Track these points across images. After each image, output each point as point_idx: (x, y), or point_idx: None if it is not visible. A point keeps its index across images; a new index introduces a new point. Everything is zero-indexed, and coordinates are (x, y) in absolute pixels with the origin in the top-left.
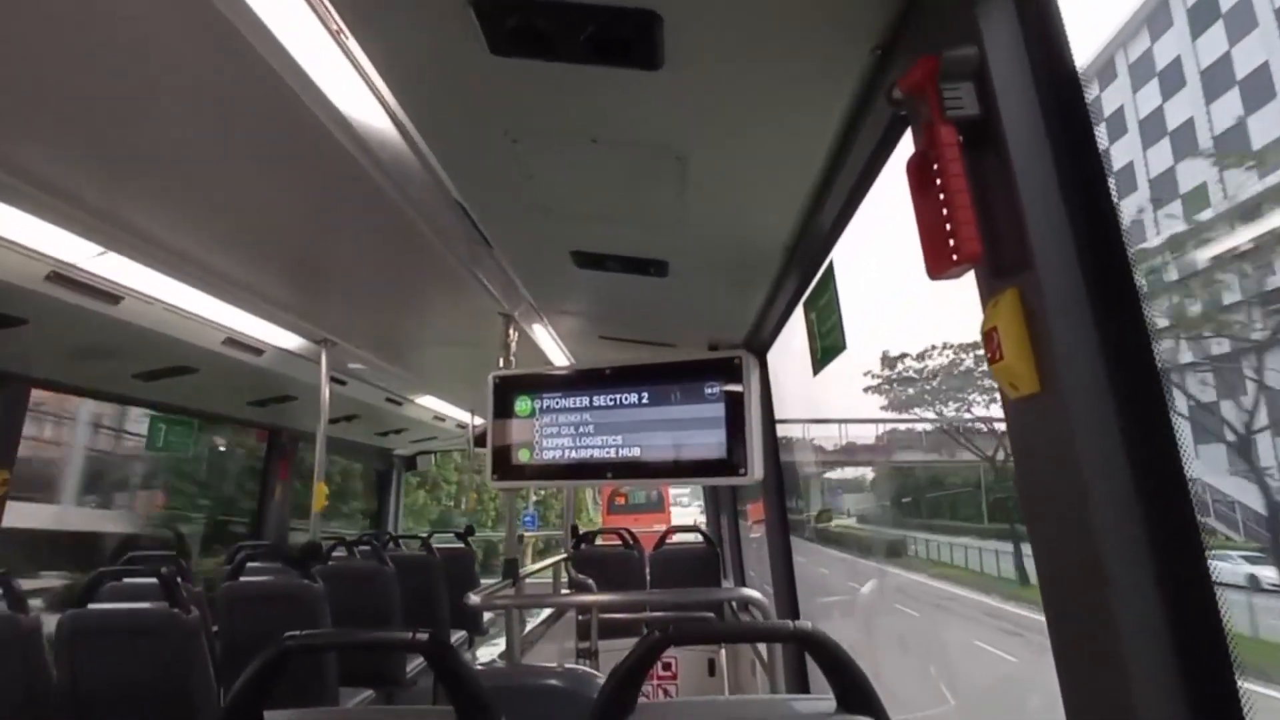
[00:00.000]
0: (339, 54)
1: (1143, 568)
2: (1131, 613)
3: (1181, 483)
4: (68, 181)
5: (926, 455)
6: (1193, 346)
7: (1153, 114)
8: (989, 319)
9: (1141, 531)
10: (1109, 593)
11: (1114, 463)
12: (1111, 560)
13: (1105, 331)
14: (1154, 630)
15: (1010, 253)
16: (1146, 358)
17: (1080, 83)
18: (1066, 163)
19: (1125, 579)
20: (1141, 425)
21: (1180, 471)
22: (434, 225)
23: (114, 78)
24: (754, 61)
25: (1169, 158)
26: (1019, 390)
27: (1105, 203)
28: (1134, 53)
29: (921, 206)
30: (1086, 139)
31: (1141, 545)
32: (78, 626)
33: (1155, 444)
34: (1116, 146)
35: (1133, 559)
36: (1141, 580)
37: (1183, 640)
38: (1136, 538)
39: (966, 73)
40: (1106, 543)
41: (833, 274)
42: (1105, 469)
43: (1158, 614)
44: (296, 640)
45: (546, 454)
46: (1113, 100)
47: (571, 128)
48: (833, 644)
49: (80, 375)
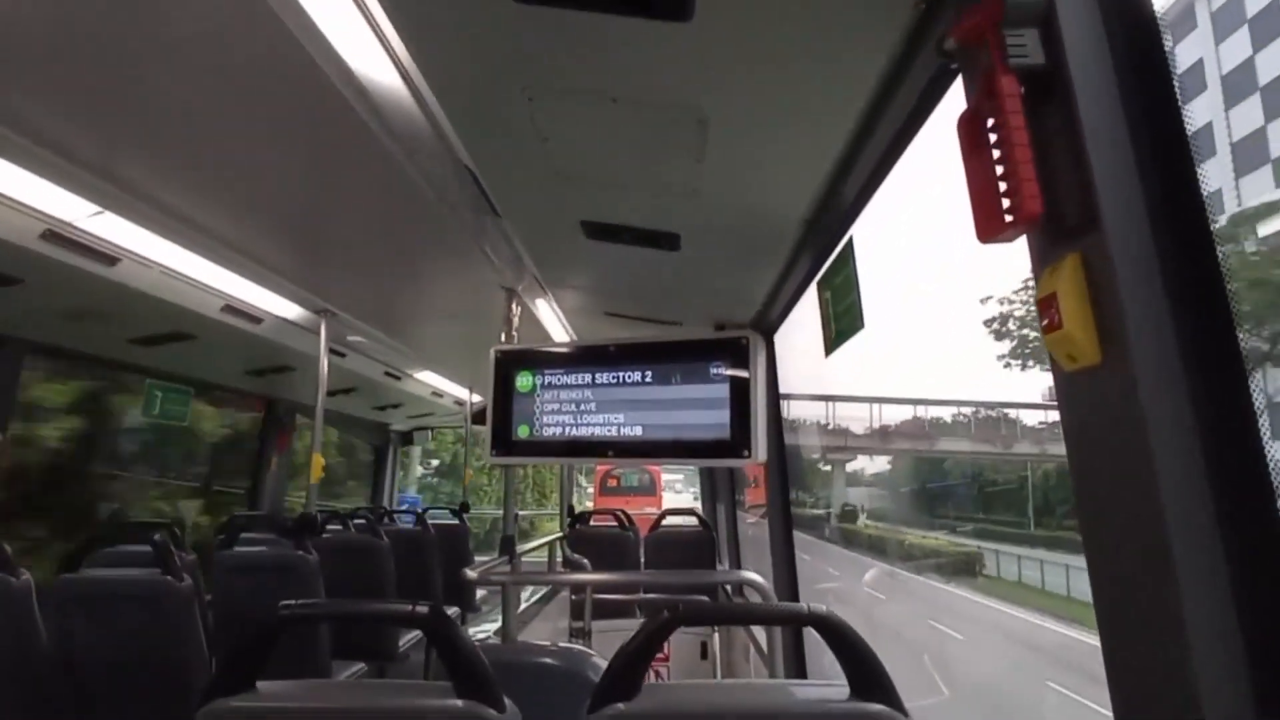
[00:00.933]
0: (351, 6)
1: (1216, 567)
2: (1202, 620)
3: (1264, 475)
4: (65, 137)
5: (982, 445)
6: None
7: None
8: (1046, 285)
9: (1214, 525)
10: (1177, 595)
11: (1184, 445)
12: (1182, 559)
13: (1178, 304)
14: (1228, 643)
15: (1073, 215)
16: (1227, 336)
17: (1159, 30)
18: (1141, 120)
19: (1196, 579)
20: (1217, 406)
21: (1261, 460)
22: (441, 192)
23: (115, 30)
24: (789, 12)
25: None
26: (1076, 362)
27: (1184, 164)
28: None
29: (973, 165)
30: (1165, 94)
31: (1215, 541)
32: (70, 591)
33: (1232, 427)
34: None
35: (1204, 556)
36: (1215, 582)
37: (1262, 657)
38: (1209, 532)
39: (1032, 18)
40: (1175, 536)
41: (852, 250)
42: (1173, 451)
43: (1232, 623)
44: (292, 610)
45: (546, 430)
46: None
47: (592, 85)
48: (848, 629)
49: (76, 338)
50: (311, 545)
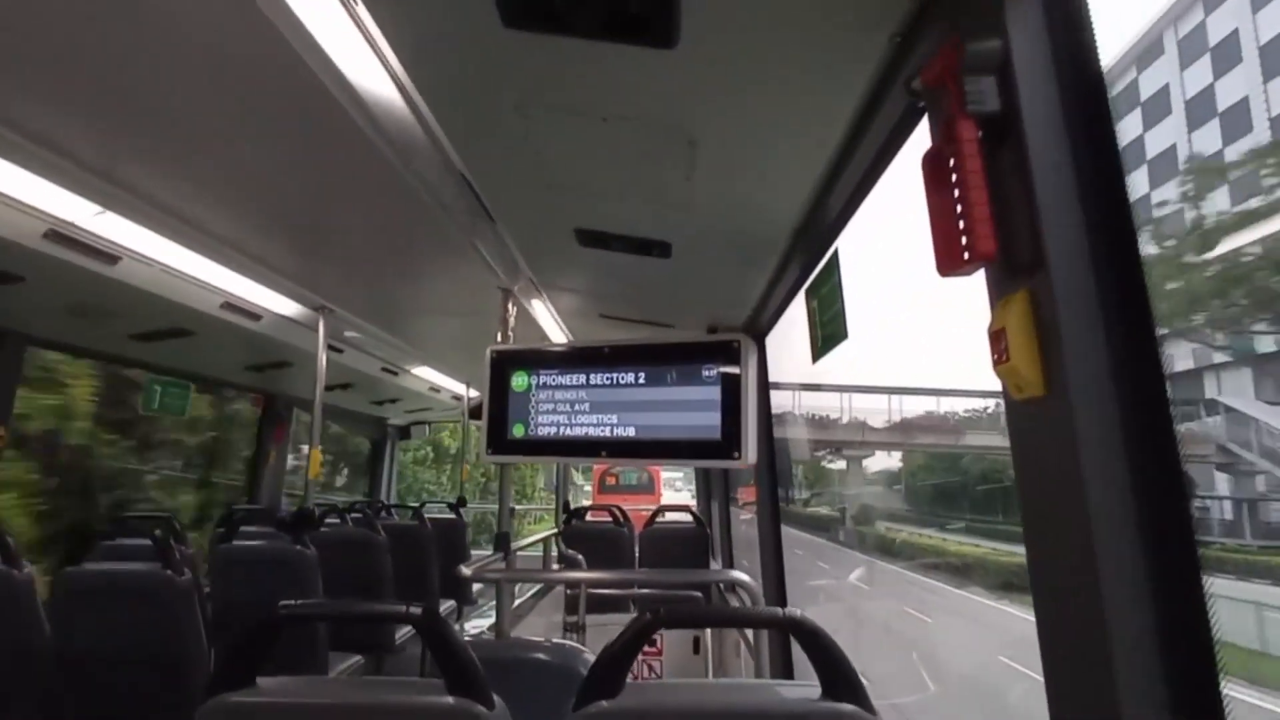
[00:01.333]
0: (347, 19)
1: (1136, 577)
2: (1122, 620)
3: (1181, 496)
4: (68, 139)
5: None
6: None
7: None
8: (998, 319)
9: (1137, 541)
10: (1101, 600)
11: (1114, 470)
12: (1105, 567)
13: (1113, 338)
14: (1143, 640)
15: (1023, 254)
16: (1153, 367)
17: (1104, 82)
18: (1086, 165)
19: (1118, 587)
20: (1144, 434)
21: (1180, 484)
22: (437, 196)
23: (118, 36)
24: (770, 44)
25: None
26: (1023, 393)
27: (1121, 208)
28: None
29: (935, 202)
30: (1107, 141)
31: (1136, 555)
32: (71, 585)
33: (1156, 454)
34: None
35: (1127, 567)
36: (1134, 589)
37: (1171, 649)
38: (1132, 547)
39: (989, 66)
40: (1101, 550)
41: (837, 262)
42: (1105, 475)
43: (1148, 622)
44: (290, 609)
45: (541, 430)
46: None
47: (583, 105)
48: (820, 631)
49: (77, 335)
50: (309, 540)
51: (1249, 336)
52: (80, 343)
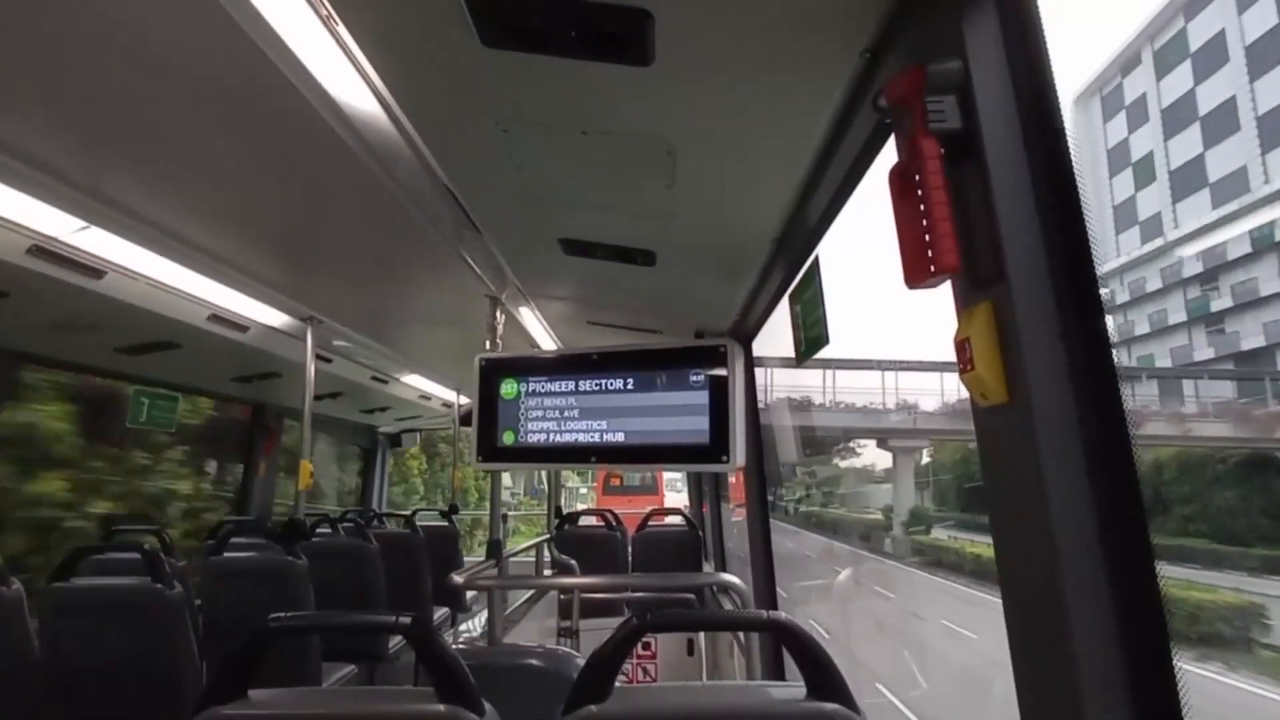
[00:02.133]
0: (329, 39)
1: (1094, 569)
2: (1081, 608)
3: (1135, 493)
4: (51, 155)
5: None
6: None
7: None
8: (962, 329)
9: (1094, 536)
10: (1062, 591)
11: (1073, 470)
12: (1066, 561)
13: (1071, 346)
14: (1101, 626)
15: (985, 266)
16: (1108, 373)
17: (1058, 101)
18: (1042, 180)
19: (1077, 578)
20: (1100, 436)
21: (1134, 482)
22: (421, 208)
23: (101, 53)
24: (744, 60)
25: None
26: (988, 400)
27: (1076, 220)
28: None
29: (902, 216)
30: (1062, 157)
31: (1094, 548)
32: (60, 601)
33: (1112, 455)
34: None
35: (1085, 560)
36: (1093, 580)
37: (1127, 633)
38: (1089, 541)
39: (950, 86)
40: (1062, 545)
41: (818, 268)
42: (1064, 476)
43: (1106, 610)
44: (281, 622)
45: (531, 437)
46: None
47: (562, 120)
48: (803, 633)
49: (62, 349)
50: (301, 550)
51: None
52: (66, 357)
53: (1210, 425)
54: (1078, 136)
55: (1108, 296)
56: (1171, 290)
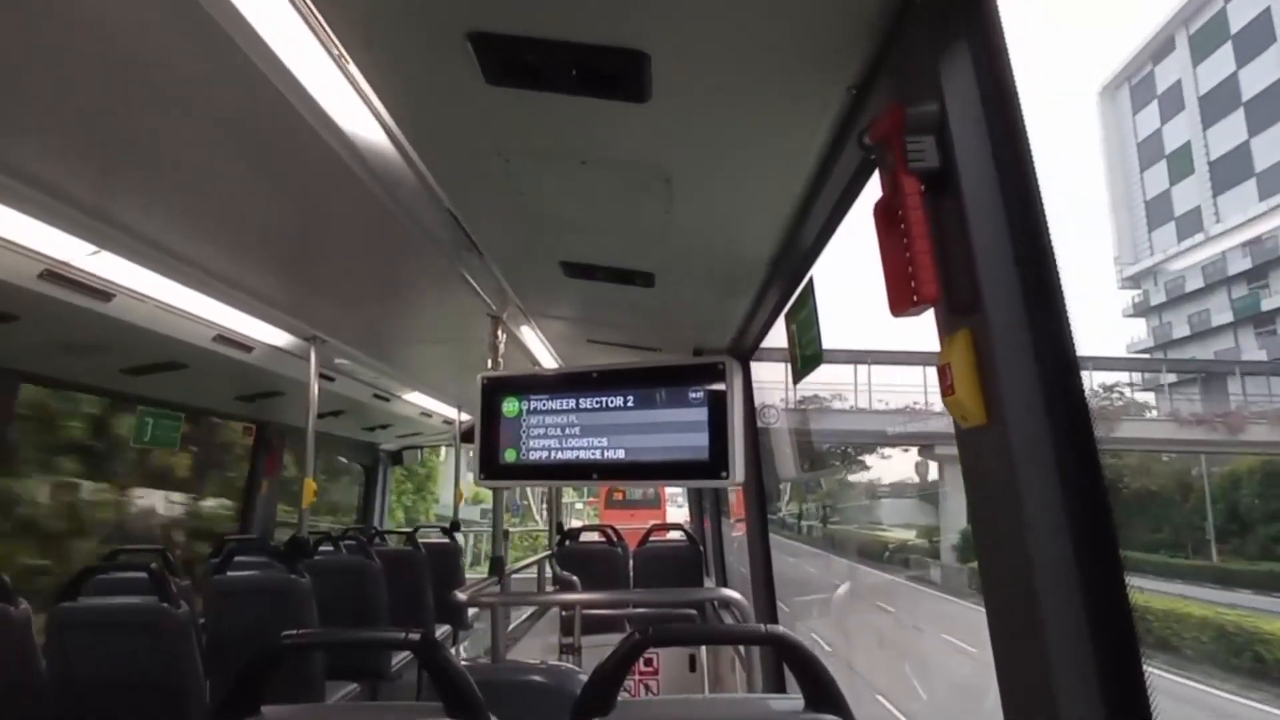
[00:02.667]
0: (339, 75)
1: (1069, 579)
2: (1056, 615)
3: (1105, 507)
4: (64, 181)
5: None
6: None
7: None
8: (944, 355)
9: (1068, 548)
10: (1037, 599)
11: (1048, 487)
12: (1041, 572)
13: (1043, 370)
14: (1074, 631)
15: (963, 296)
16: (1077, 395)
17: (1028, 140)
18: (1015, 215)
19: (1052, 588)
20: (1072, 454)
21: (1104, 497)
22: (424, 231)
23: (113, 83)
24: (737, 96)
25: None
26: (968, 422)
27: (1045, 253)
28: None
29: (886, 248)
30: (1032, 193)
31: (1068, 560)
32: (67, 620)
33: (1082, 472)
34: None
35: (1059, 571)
36: (1067, 589)
37: (1098, 637)
38: (1063, 554)
39: (929, 126)
40: (1038, 557)
41: (812, 289)
42: (1040, 492)
43: (1079, 615)
44: (292, 639)
45: (533, 454)
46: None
47: (562, 151)
48: (802, 647)
49: (70, 370)
50: (304, 568)
51: None
52: (73, 378)
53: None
54: (1105, 131)
55: (1140, 298)
56: (1215, 289)
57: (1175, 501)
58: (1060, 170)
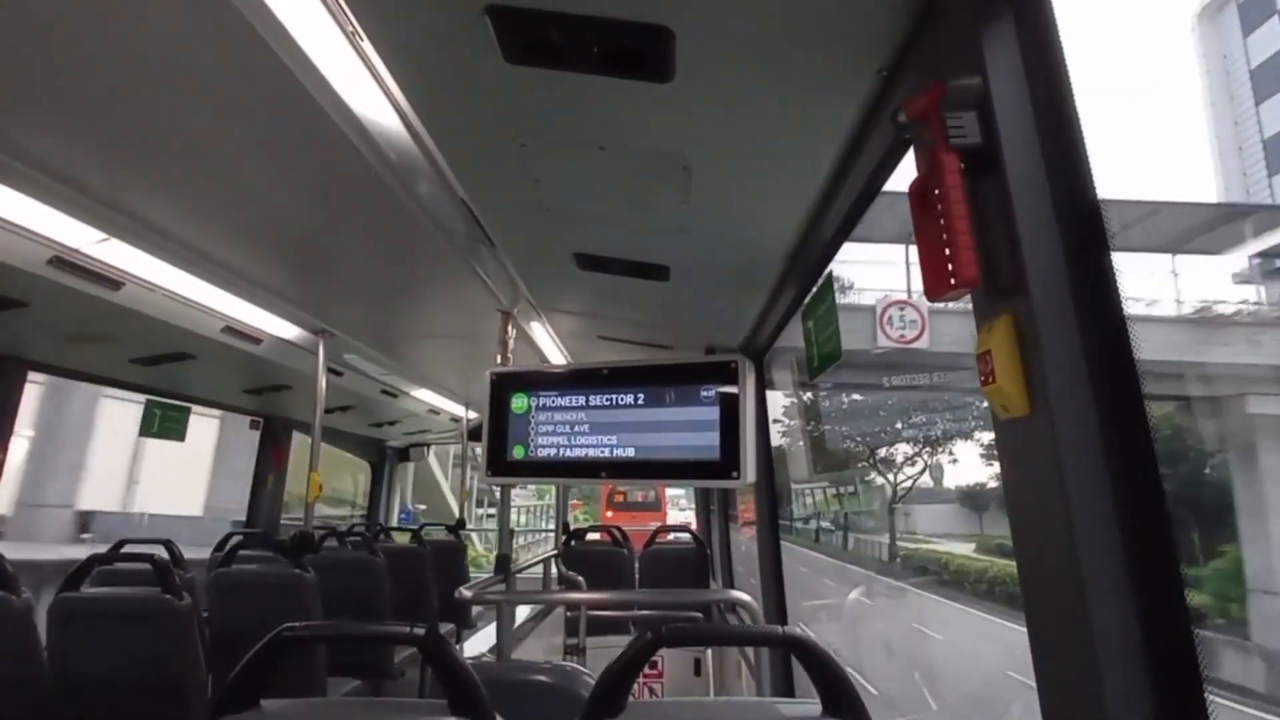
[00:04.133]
0: (353, 55)
1: (1118, 581)
2: (1107, 624)
3: (1161, 507)
4: (74, 168)
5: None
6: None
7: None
8: (983, 342)
9: (1120, 553)
10: (1086, 606)
11: (1096, 484)
12: (1090, 577)
13: (1091, 358)
14: (1128, 643)
15: (1006, 280)
16: (1131, 385)
17: (1077, 113)
18: (1062, 193)
19: (1102, 594)
20: (1123, 449)
21: (1160, 495)
22: (437, 221)
23: (124, 68)
24: (762, 78)
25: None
26: (1009, 412)
27: (1097, 234)
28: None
29: (923, 230)
30: (1082, 170)
31: (1120, 566)
32: (70, 610)
33: (1136, 468)
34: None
35: (1111, 579)
36: (1117, 597)
37: (1155, 655)
38: (1115, 559)
39: (970, 102)
40: (1086, 561)
41: (831, 285)
42: (1088, 490)
43: (1132, 626)
44: (295, 631)
45: (541, 451)
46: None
47: (581, 135)
48: (819, 649)
49: (78, 359)
50: (308, 563)
51: None
52: (81, 367)
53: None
54: (1205, 60)
55: (1263, 265)
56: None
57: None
58: (1143, 113)
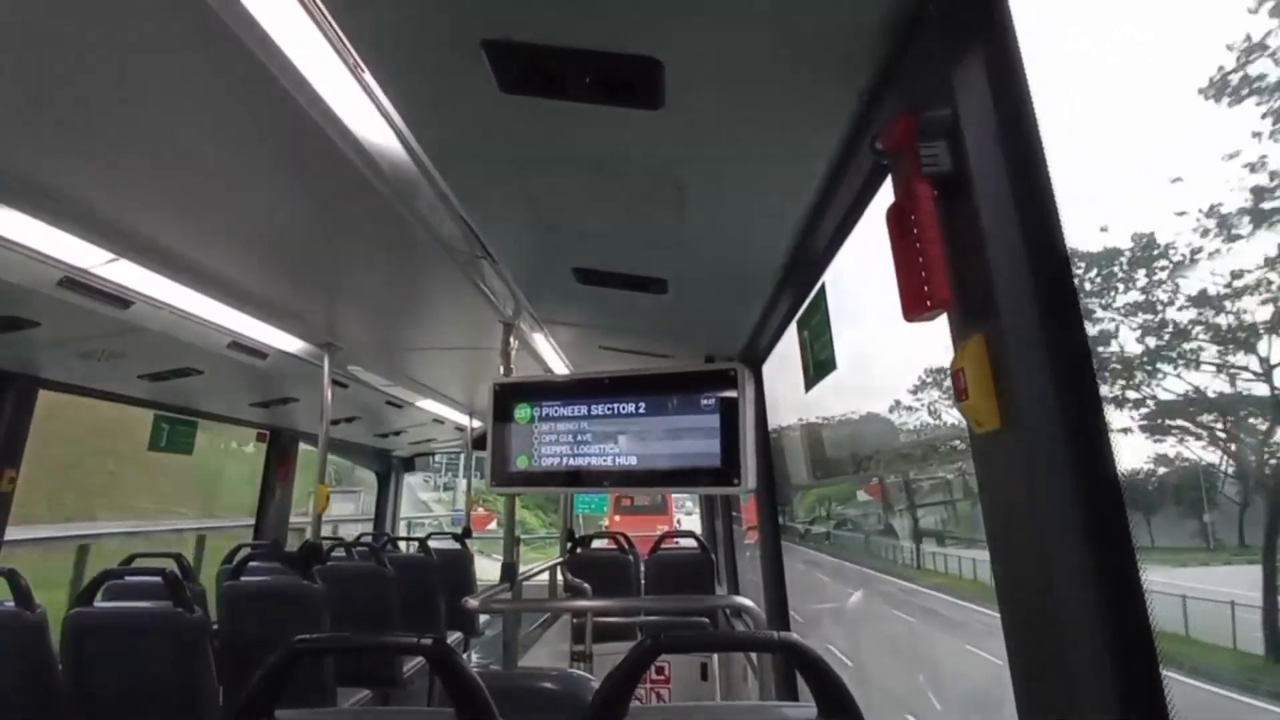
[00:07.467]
0: (355, 85)
1: (1085, 583)
2: (1073, 619)
3: (1120, 511)
4: (83, 191)
5: None
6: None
7: None
8: (957, 360)
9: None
10: (1055, 604)
11: (1062, 490)
12: (1058, 577)
13: (1058, 375)
14: (1091, 636)
15: (977, 301)
16: (1093, 399)
17: (1042, 144)
18: (1029, 219)
19: (1069, 592)
20: (1087, 459)
21: (1119, 500)
22: (438, 238)
23: (134, 96)
24: (750, 102)
25: None
26: (983, 426)
27: (1061, 258)
28: None
29: (899, 253)
30: (1047, 197)
31: (1084, 563)
32: (83, 624)
33: (1098, 476)
34: None
35: (1077, 574)
36: (1083, 594)
37: (1115, 641)
38: (1080, 556)
39: (941, 132)
40: (1054, 558)
41: (824, 296)
42: (1055, 495)
43: (1095, 620)
44: (308, 643)
45: (545, 460)
46: None
47: (576, 158)
48: (814, 654)
49: (88, 376)
50: (317, 574)
51: None
52: (91, 384)
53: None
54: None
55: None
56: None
57: None
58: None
